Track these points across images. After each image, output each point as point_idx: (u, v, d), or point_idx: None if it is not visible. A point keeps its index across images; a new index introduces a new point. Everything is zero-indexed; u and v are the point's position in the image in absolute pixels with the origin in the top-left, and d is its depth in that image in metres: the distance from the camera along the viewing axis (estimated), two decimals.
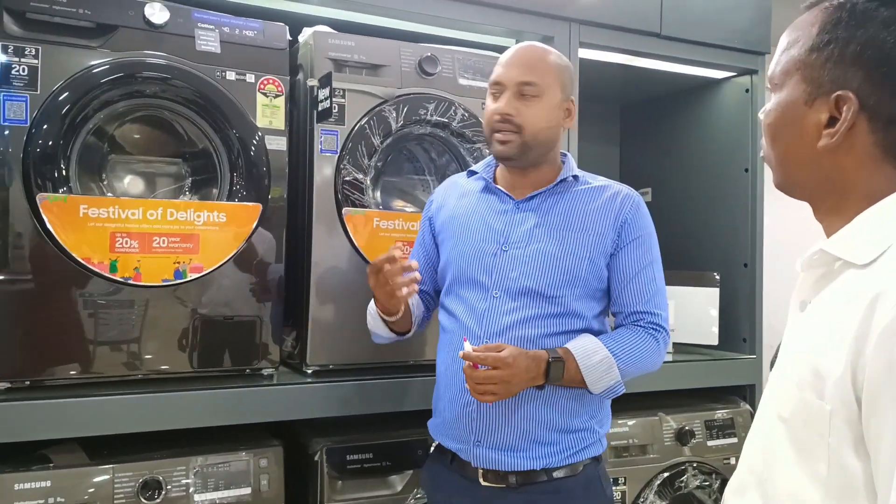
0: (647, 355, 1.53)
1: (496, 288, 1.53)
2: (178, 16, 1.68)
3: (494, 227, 1.57)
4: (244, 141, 1.74)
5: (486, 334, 1.52)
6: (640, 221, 1.55)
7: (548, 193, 1.57)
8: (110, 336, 1.65)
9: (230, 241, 1.73)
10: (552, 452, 1.50)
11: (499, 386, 1.41)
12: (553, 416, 1.50)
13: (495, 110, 1.52)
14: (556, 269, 1.51)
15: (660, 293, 1.56)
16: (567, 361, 1.46)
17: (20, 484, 1.53)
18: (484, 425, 1.51)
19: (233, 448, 1.74)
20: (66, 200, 1.57)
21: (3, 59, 1.53)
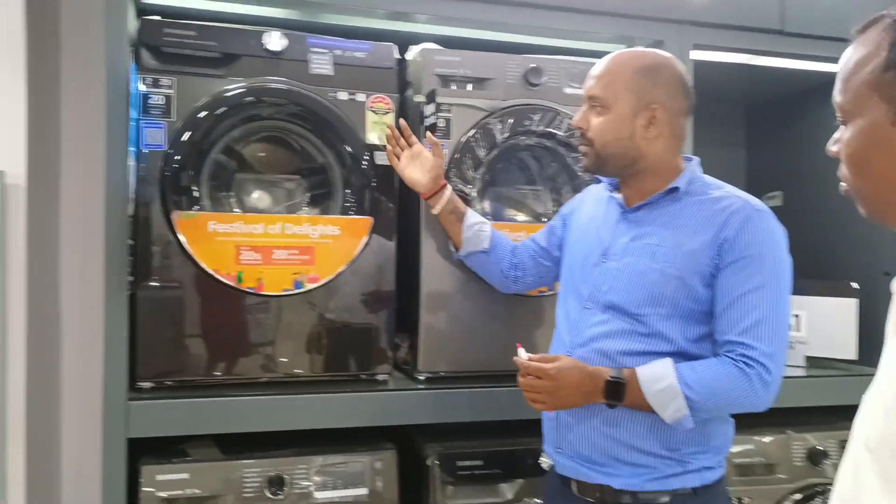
0: (731, 391, 1.36)
1: (589, 300, 1.52)
2: (294, 42, 1.80)
3: (602, 237, 1.55)
4: (355, 157, 1.84)
5: (572, 343, 1.52)
6: (746, 239, 1.39)
7: (654, 205, 1.49)
8: (240, 341, 1.79)
9: (344, 253, 1.82)
10: (636, 473, 1.44)
11: (543, 395, 1.42)
12: (624, 435, 1.44)
13: (572, 124, 1.57)
14: (641, 286, 1.44)
15: (764, 324, 1.37)
16: (630, 383, 1.39)
17: (162, 475, 1.69)
18: (559, 433, 1.52)
19: (350, 450, 1.83)
20: (197, 217, 1.72)
21: (143, 89, 1.70)
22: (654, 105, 1.45)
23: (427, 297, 1.91)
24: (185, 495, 1.68)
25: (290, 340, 1.82)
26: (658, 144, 1.48)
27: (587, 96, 1.51)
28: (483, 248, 1.79)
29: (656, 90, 1.46)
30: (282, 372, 1.82)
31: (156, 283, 1.71)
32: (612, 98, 1.46)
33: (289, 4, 1.90)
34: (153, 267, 1.71)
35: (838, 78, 0.90)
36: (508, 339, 1.93)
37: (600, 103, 1.48)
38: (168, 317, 1.73)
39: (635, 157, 1.48)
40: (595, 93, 1.49)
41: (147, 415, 1.68)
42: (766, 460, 2.09)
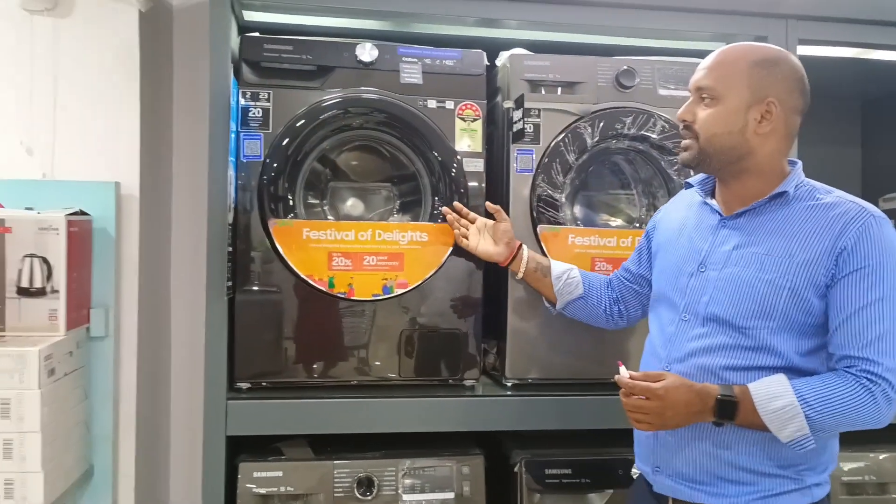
0: (855, 409, 1.28)
1: (686, 311, 1.44)
2: (385, 53, 1.84)
3: (697, 246, 1.47)
4: (444, 164, 1.86)
5: (669, 358, 1.45)
6: (866, 248, 1.31)
7: (758, 210, 1.41)
8: (332, 345, 1.84)
9: (432, 259, 1.85)
10: (741, 492, 1.37)
11: (650, 416, 1.34)
12: (732, 456, 1.38)
13: (677, 117, 1.47)
14: (749, 297, 1.37)
15: (887, 338, 1.29)
16: (743, 402, 1.31)
17: (258, 472, 1.77)
18: (658, 452, 1.46)
19: (438, 454, 1.86)
20: (292, 224, 1.78)
21: (243, 103, 1.78)
22: (770, 99, 1.37)
23: (514, 302, 1.90)
24: (279, 492, 1.75)
25: (380, 345, 1.86)
26: (770, 142, 1.40)
27: (695, 87, 1.44)
28: (579, 294, 1.76)
29: (774, 84, 1.38)
30: (372, 375, 1.86)
31: (253, 288, 1.79)
32: (724, 89, 1.39)
33: (380, 16, 1.94)
34: (251, 272, 1.79)
35: None
36: (597, 346, 1.92)
37: (710, 94, 1.40)
38: (264, 320, 1.80)
39: (743, 154, 1.39)
40: (705, 83, 1.41)
41: (244, 414, 1.76)
42: (879, 479, 1.96)
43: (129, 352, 1.93)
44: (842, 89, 2.64)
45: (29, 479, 1.60)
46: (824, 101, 2.64)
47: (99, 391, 1.89)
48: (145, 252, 1.99)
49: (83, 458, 1.84)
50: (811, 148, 2.39)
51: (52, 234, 1.73)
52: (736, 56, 1.41)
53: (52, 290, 1.73)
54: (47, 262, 1.73)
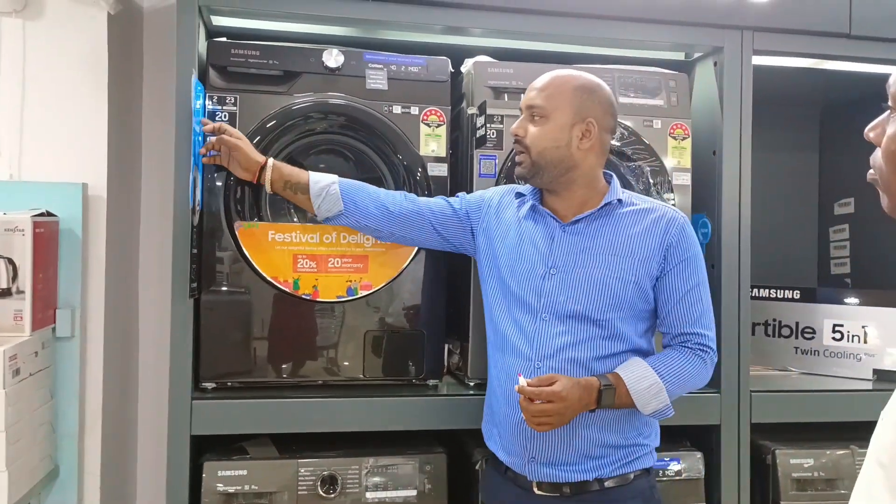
0: (695, 376, 1.59)
1: (545, 311, 1.59)
2: (351, 59, 1.88)
3: (542, 250, 1.62)
4: (409, 168, 1.89)
5: (538, 356, 1.58)
6: (685, 244, 1.60)
7: (593, 217, 1.62)
8: (297, 345, 1.88)
9: (396, 261, 1.88)
10: (603, 465, 1.58)
11: (553, 418, 1.49)
12: (604, 435, 1.58)
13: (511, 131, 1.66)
14: (603, 293, 1.57)
15: (706, 314, 1.62)
16: (618, 388, 1.52)
17: (223, 471, 1.79)
18: (538, 445, 1.58)
19: (401, 452, 1.89)
20: (258, 227, 1.81)
21: (210, 107, 1.81)
22: (590, 119, 1.60)
23: (477, 304, 1.94)
24: (243, 491, 1.77)
25: (344, 345, 1.89)
26: (590, 157, 1.62)
27: (527, 106, 1.62)
28: (339, 210, 1.74)
29: (593, 107, 1.61)
30: (338, 375, 1.90)
31: (219, 289, 1.82)
32: (552, 108, 1.59)
33: (347, 23, 1.97)
34: (217, 274, 1.82)
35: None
36: None
37: (540, 112, 1.60)
38: (230, 321, 1.83)
39: (569, 166, 1.60)
40: (537, 103, 1.60)
41: (209, 413, 1.78)
42: (828, 475, 2.03)
43: (96, 352, 1.94)
44: (800, 97, 2.72)
45: None
46: (783, 108, 2.72)
47: (65, 391, 1.90)
48: (112, 253, 2.00)
49: (48, 457, 1.85)
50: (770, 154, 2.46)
51: (17, 235, 1.74)
52: (562, 81, 1.62)
53: (17, 290, 1.74)
54: (13, 263, 1.74)
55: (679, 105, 2.03)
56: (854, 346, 2.26)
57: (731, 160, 2.04)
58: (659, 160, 1.99)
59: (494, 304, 1.69)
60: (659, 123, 2.01)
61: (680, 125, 2.02)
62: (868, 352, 2.23)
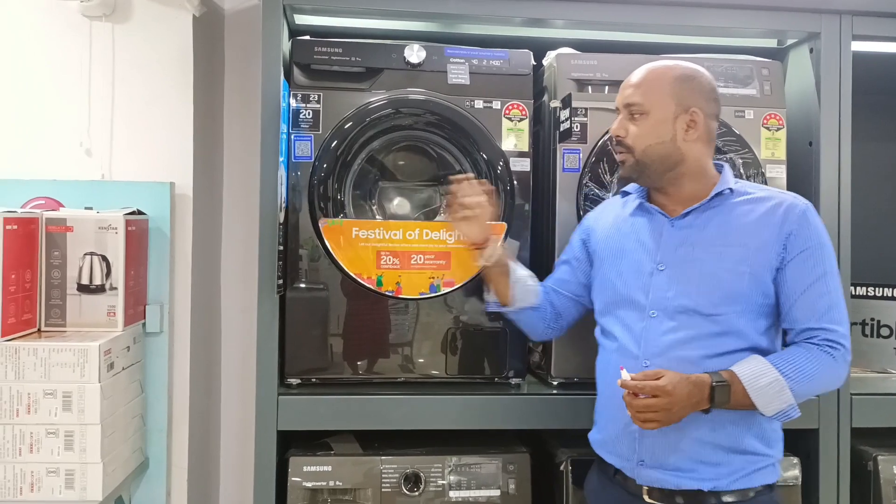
0: (824, 374, 1.45)
1: (653, 308, 1.52)
2: (433, 54, 1.86)
3: (649, 247, 1.56)
4: (491, 163, 1.87)
5: (645, 355, 1.51)
6: (807, 232, 1.48)
7: (702, 209, 1.54)
8: (379, 342, 1.87)
9: None
10: (720, 474, 1.47)
11: (660, 413, 1.40)
12: (719, 437, 1.48)
13: (610, 133, 1.60)
14: (715, 286, 1.48)
15: (835, 307, 1.48)
16: (733, 385, 1.42)
17: (308, 466, 1.80)
18: (648, 446, 1.50)
19: (484, 451, 1.87)
20: (342, 224, 1.82)
21: (294, 105, 1.82)
22: (694, 108, 1.52)
23: None
24: (328, 487, 1.78)
25: (427, 342, 1.88)
26: (697, 147, 1.54)
27: (624, 105, 1.56)
28: (532, 304, 1.76)
29: (694, 95, 1.53)
30: (418, 373, 1.88)
31: (303, 286, 1.83)
32: (651, 104, 1.52)
33: (428, 18, 1.95)
34: (301, 270, 1.83)
35: None
36: None
37: (639, 110, 1.53)
38: (313, 317, 1.84)
39: (677, 161, 1.53)
40: (634, 100, 1.54)
41: (295, 409, 1.79)
42: None
43: (183, 347, 1.99)
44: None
45: (89, 471, 1.66)
46: (883, 97, 2.58)
47: (154, 385, 1.95)
48: (198, 250, 2.05)
49: (139, 450, 1.90)
50: (870, 144, 2.34)
51: (111, 233, 1.79)
52: (658, 73, 1.56)
53: (110, 287, 1.79)
54: (106, 260, 1.79)
55: (773, 94, 1.94)
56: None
57: (828, 152, 1.94)
58: (751, 152, 1.91)
59: (602, 305, 1.65)
60: (751, 114, 1.93)
61: (774, 115, 1.93)
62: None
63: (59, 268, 1.78)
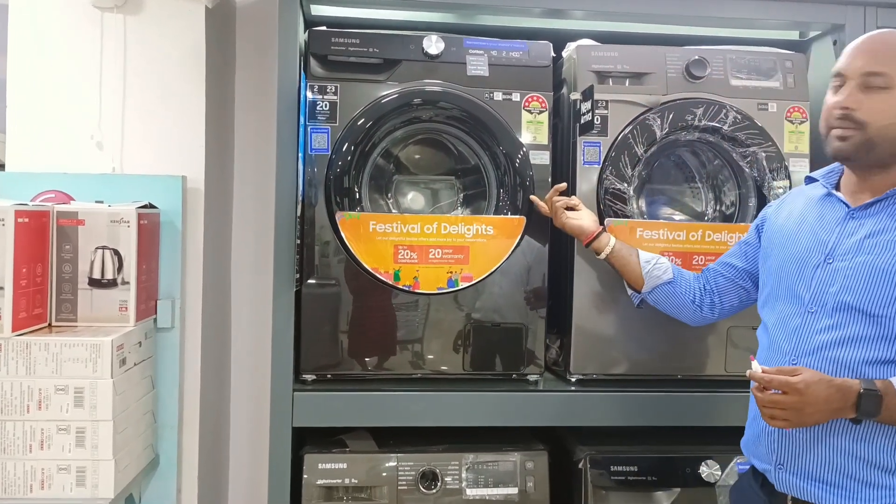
0: None
1: (814, 302, 1.37)
2: (451, 45, 1.83)
3: (821, 238, 1.40)
4: (510, 157, 1.84)
5: (796, 352, 1.37)
6: None
7: (891, 200, 1.36)
8: (395, 338, 1.85)
9: (497, 253, 1.83)
10: (880, 497, 1.29)
11: (788, 412, 1.27)
12: (871, 453, 1.30)
13: (835, 104, 1.36)
14: (886, 283, 1.30)
15: None
16: (887, 397, 1.24)
17: (323, 464, 1.77)
18: (784, 448, 1.38)
19: (501, 448, 1.84)
20: (359, 217, 1.79)
21: (311, 97, 1.79)
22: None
23: (579, 297, 1.88)
24: (343, 484, 1.75)
25: (444, 338, 1.85)
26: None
27: (861, 73, 1.33)
28: (668, 279, 1.71)
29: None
30: (436, 369, 1.86)
31: (320, 281, 1.80)
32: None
33: (446, 8, 1.93)
34: (317, 265, 1.80)
35: None
36: (662, 341, 1.89)
37: (883, 82, 1.31)
38: (330, 312, 1.81)
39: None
40: (877, 69, 1.31)
41: (310, 405, 1.77)
42: None
43: (194, 343, 1.96)
44: None
45: (100, 467, 1.62)
46: None
47: (165, 381, 1.92)
48: (209, 245, 2.01)
49: (150, 446, 1.87)
50: None
51: (123, 227, 1.76)
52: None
53: (122, 281, 1.76)
54: (118, 254, 1.76)
55: (796, 87, 1.91)
56: None
57: None
58: (774, 145, 1.88)
59: (763, 298, 1.53)
60: (774, 107, 1.89)
61: (797, 108, 1.90)
62: None
63: (70, 262, 1.75)
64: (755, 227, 1.65)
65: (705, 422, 1.84)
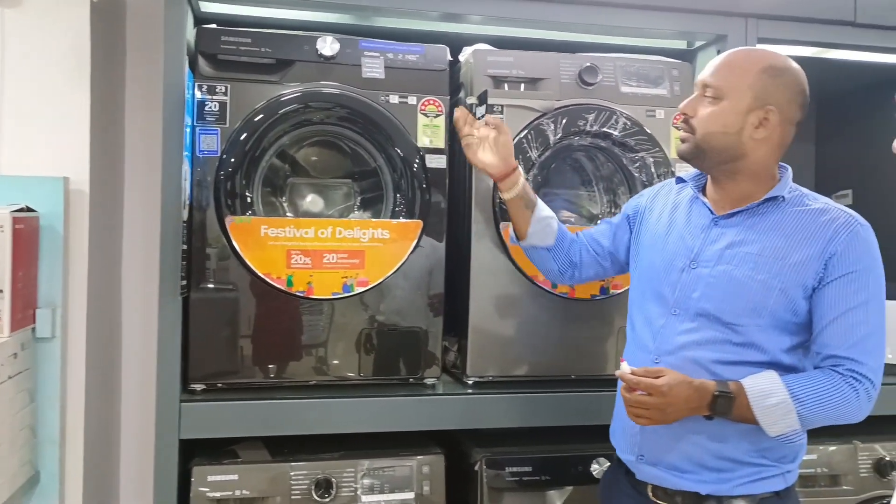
0: (840, 406, 1.35)
1: (677, 306, 1.46)
2: (346, 46, 1.80)
3: (688, 243, 1.49)
4: (406, 160, 1.83)
5: (659, 351, 1.47)
6: (855, 254, 1.37)
7: (751, 212, 1.45)
8: (291, 345, 1.80)
9: (394, 257, 1.82)
10: (722, 479, 1.42)
11: (652, 412, 1.36)
12: (721, 447, 1.42)
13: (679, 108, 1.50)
14: (740, 295, 1.40)
15: (871, 338, 1.36)
16: (738, 398, 1.35)
17: (213, 476, 1.72)
18: (646, 442, 1.48)
19: (397, 453, 1.83)
20: (250, 221, 1.74)
21: (199, 96, 1.73)
22: (770, 107, 1.40)
23: (476, 300, 1.89)
24: (234, 496, 1.70)
25: (340, 344, 1.82)
26: (763, 148, 1.43)
27: (702, 84, 1.46)
28: (547, 245, 1.73)
29: (776, 92, 1.41)
30: (331, 375, 1.83)
31: (209, 287, 1.74)
32: (728, 89, 1.42)
33: (342, 9, 1.90)
34: (207, 271, 1.74)
35: None
36: (558, 343, 1.92)
37: (714, 93, 1.43)
38: (220, 320, 1.75)
39: (736, 156, 1.43)
40: (712, 81, 1.44)
41: (199, 416, 1.71)
42: (831, 471, 2.00)
43: (78, 353, 1.86)
44: None
45: None
46: None
47: (46, 394, 1.81)
48: (95, 250, 1.92)
49: (28, 463, 1.77)
50: None
51: None
52: (746, 59, 1.44)
53: None
54: None
55: (682, 94, 1.96)
56: None
57: None
58: (662, 151, 1.94)
59: (633, 301, 1.60)
60: (662, 113, 1.96)
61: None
62: None
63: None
64: (626, 215, 1.71)
65: (598, 420, 1.87)
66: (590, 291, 1.91)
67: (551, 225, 1.73)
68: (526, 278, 1.88)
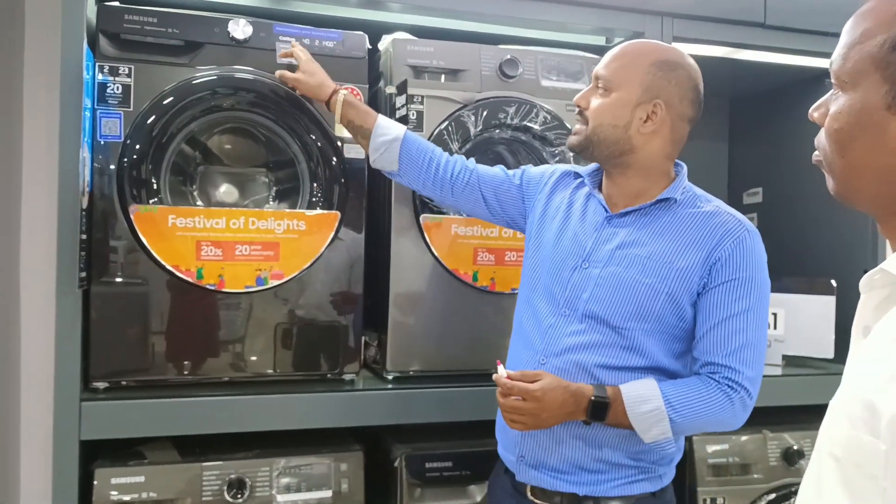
0: (714, 413, 1.34)
1: (567, 306, 1.44)
2: (260, 30, 1.74)
3: (581, 241, 1.46)
4: (323, 150, 1.78)
5: (546, 351, 1.45)
6: (738, 261, 1.36)
7: (644, 212, 1.43)
8: (197, 341, 1.73)
9: (310, 249, 1.76)
10: (599, 480, 1.42)
11: (526, 417, 1.35)
12: (598, 451, 1.42)
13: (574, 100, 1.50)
14: (627, 298, 1.39)
15: (748, 348, 1.36)
16: (614, 404, 1.34)
17: (117, 478, 1.63)
18: (525, 443, 1.47)
19: (315, 451, 1.78)
20: (156, 211, 1.66)
21: (100, 78, 1.63)
22: (658, 101, 1.40)
23: (396, 294, 1.85)
24: (140, 499, 1.62)
25: (254, 339, 1.76)
26: (653, 143, 1.42)
27: (595, 75, 1.46)
28: (391, 170, 1.67)
29: (666, 87, 1.40)
30: (247, 371, 1.77)
31: (112, 280, 1.65)
32: (619, 82, 1.41)
33: None
34: (109, 263, 1.65)
35: (840, 42, 0.84)
36: (479, 337, 1.91)
37: (605, 85, 1.42)
38: (124, 314, 1.67)
39: (624, 150, 1.42)
40: (603, 73, 1.44)
41: (101, 416, 1.62)
42: (742, 460, 2.05)
43: None
44: (713, 87, 2.72)
45: None
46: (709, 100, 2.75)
47: None
48: None
49: None
50: (694, 143, 2.48)
51: None
52: (638, 52, 1.43)
53: None
54: None
55: None
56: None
57: None
58: None
59: (523, 290, 1.56)
60: None
61: None
62: (777, 338, 2.27)
63: None
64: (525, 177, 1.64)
65: None
66: (511, 285, 1.91)
67: (391, 148, 1.64)
68: (447, 272, 1.86)
